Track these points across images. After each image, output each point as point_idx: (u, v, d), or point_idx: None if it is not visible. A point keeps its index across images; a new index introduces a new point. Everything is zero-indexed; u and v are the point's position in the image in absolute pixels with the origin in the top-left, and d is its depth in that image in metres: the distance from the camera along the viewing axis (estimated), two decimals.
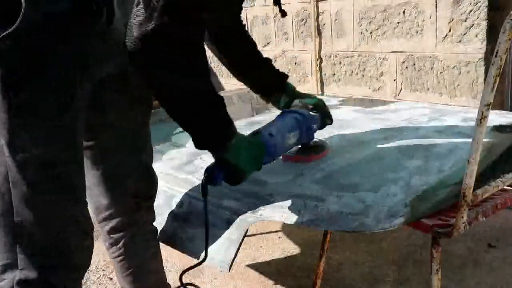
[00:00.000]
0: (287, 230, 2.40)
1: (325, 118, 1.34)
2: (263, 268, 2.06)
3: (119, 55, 0.99)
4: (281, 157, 1.25)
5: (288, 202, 1.08)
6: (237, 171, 1.04)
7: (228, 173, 1.04)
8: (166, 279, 1.44)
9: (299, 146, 1.29)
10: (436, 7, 2.68)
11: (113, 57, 1.04)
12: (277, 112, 1.34)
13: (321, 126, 1.33)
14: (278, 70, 1.38)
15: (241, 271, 2.05)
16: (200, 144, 1.02)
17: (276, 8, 1.25)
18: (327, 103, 2.01)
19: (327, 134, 1.51)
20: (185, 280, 2.00)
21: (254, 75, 1.35)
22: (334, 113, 1.83)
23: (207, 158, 1.43)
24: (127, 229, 1.28)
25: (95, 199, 1.24)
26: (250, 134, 1.13)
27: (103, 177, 1.20)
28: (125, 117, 1.16)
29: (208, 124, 0.99)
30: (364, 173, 1.20)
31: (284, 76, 1.36)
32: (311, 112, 1.27)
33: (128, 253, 1.30)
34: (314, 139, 1.32)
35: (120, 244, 1.29)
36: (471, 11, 2.54)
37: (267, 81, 1.35)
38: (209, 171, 1.03)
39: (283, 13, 1.23)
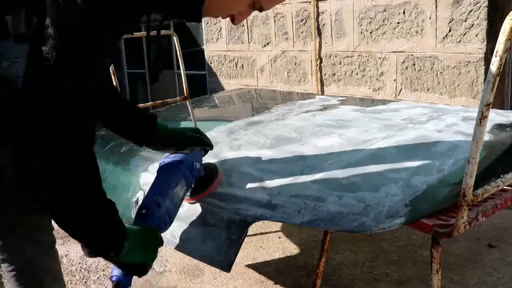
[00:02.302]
0: (287, 230, 2.40)
1: (206, 147, 1.26)
2: (263, 268, 2.06)
3: None
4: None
5: (288, 202, 1.08)
6: (139, 267, 1.03)
7: (132, 272, 1.02)
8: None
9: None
10: (436, 7, 2.68)
11: None
12: (278, 112, 1.33)
13: (204, 155, 1.25)
14: (145, 116, 1.27)
15: (241, 271, 2.05)
16: (94, 253, 0.94)
17: (276, 8, 1.23)
18: (327, 103, 2.02)
19: (327, 134, 1.51)
20: (185, 280, 2.00)
21: (126, 131, 1.28)
22: (334, 112, 1.83)
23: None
24: (17, 246, 1.27)
25: None
26: (137, 215, 1.06)
27: None
28: None
29: (102, 233, 0.93)
30: (364, 173, 1.20)
31: (152, 121, 1.26)
32: (186, 151, 1.17)
33: (20, 268, 1.29)
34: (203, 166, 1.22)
35: (13, 261, 1.29)
36: (471, 11, 2.54)
37: (138, 133, 1.27)
38: (114, 279, 1.00)
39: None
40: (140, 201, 1.34)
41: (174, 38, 2.61)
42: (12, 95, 1.05)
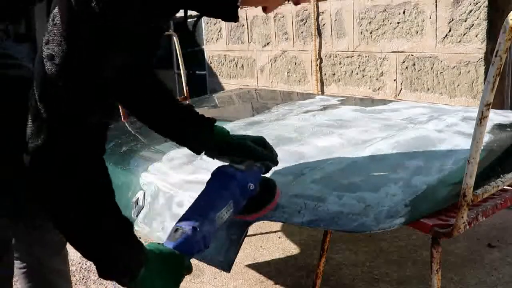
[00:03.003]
0: (287, 230, 2.40)
1: (269, 163, 1.07)
2: (263, 268, 2.06)
3: None
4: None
5: (288, 202, 1.08)
6: None
7: None
8: None
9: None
10: (436, 7, 2.68)
11: None
12: (278, 112, 1.33)
13: (265, 172, 1.06)
14: (202, 118, 1.12)
15: (241, 271, 2.05)
16: (105, 276, 0.82)
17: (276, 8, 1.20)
18: (327, 103, 2.02)
19: (327, 134, 1.51)
20: (185, 280, 2.00)
21: (180, 136, 1.12)
22: (334, 112, 1.83)
23: (207, 158, 1.43)
24: (28, 249, 1.29)
25: None
26: (169, 235, 0.90)
27: None
28: None
29: (114, 255, 0.81)
30: (364, 173, 1.20)
31: (210, 123, 1.11)
32: (242, 167, 0.98)
33: (31, 268, 1.32)
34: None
35: (24, 258, 1.32)
36: (471, 11, 2.54)
37: (194, 138, 1.11)
38: None
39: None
40: (140, 201, 1.34)
41: (174, 38, 2.61)
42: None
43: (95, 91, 0.77)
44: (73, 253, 2.28)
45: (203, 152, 1.12)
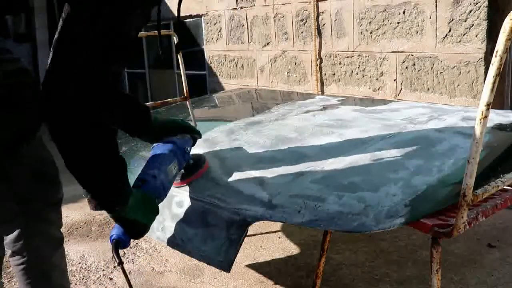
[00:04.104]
0: (287, 230, 2.40)
1: (194, 134, 1.35)
2: (263, 268, 2.06)
3: None
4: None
5: (288, 202, 1.08)
6: (139, 226, 1.07)
7: (131, 230, 1.06)
8: (68, 285, 1.46)
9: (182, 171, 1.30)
10: (436, 7, 2.68)
11: None
12: (278, 112, 1.34)
13: (193, 144, 1.35)
14: (141, 107, 1.30)
15: (241, 271, 2.05)
16: (101, 205, 1.00)
17: (276, 8, 1.23)
18: (327, 103, 2.02)
19: (327, 134, 1.51)
20: (185, 280, 2.00)
21: (124, 121, 1.28)
22: (334, 112, 1.83)
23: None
24: (30, 237, 1.30)
25: None
26: (135, 184, 1.12)
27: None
28: (4, 130, 1.16)
29: (111, 185, 0.99)
30: (364, 173, 1.20)
31: (148, 113, 1.30)
32: (179, 137, 1.28)
33: (30, 262, 1.33)
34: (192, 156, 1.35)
35: (24, 253, 1.32)
36: (471, 11, 2.54)
37: (136, 124, 1.29)
38: (114, 237, 1.05)
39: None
40: None
41: (174, 38, 2.61)
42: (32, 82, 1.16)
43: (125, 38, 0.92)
44: (73, 253, 2.28)
45: (139, 136, 1.30)
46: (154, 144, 1.27)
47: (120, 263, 1.01)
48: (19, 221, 1.28)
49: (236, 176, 1.26)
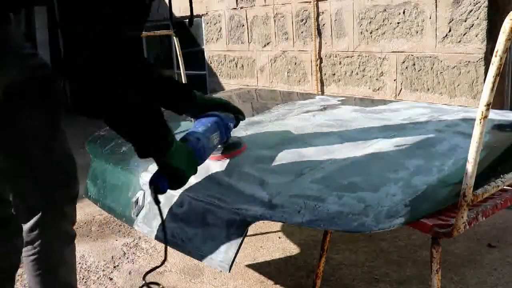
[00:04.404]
0: (287, 230, 2.40)
1: (238, 115, 1.44)
2: (263, 268, 2.06)
3: (17, 61, 1.12)
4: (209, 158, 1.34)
5: (288, 202, 1.08)
6: (180, 175, 1.13)
7: (172, 178, 1.12)
8: (75, 284, 1.47)
9: (219, 146, 1.38)
10: (436, 7, 2.68)
11: (12, 63, 1.13)
12: (278, 112, 1.34)
13: (236, 124, 1.44)
14: (182, 84, 1.41)
15: (241, 271, 2.05)
16: (145, 153, 1.09)
17: (276, 8, 1.28)
18: (327, 103, 2.02)
19: (327, 134, 1.51)
20: (185, 280, 2.00)
21: (166, 98, 1.39)
22: (334, 112, 1.83)
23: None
24: (44, 230, 1.32)
25: (16, 199, 1.30)
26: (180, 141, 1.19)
27: (20, 178, 1.26)
28: (34, 121, 1.24)
29: (153, 133, 1.07)
30: (364, 173, 1.20)
31: (189, 89, 1.40)
32: (225, 113, 1.38)
33: (41, 254, 1.34)
34: (231, 137, 1.43)
35: (36, 244, 1.33)
36: (471, 11, 2.54)
37: (177, 99, 1.39)
38: (154, 182, 1.11)
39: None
40: (140, 201, 1.36)
41: (174, 38, 2.61)
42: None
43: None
44: None
45: (185, 112, 1.39)
46: (200, 116, 1.35)
47: (158, 203, 1.10)
48: (39, 212, 1.31)
49: (236, 176, 1.26)
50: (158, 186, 1.10)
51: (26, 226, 1.32)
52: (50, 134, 1.28)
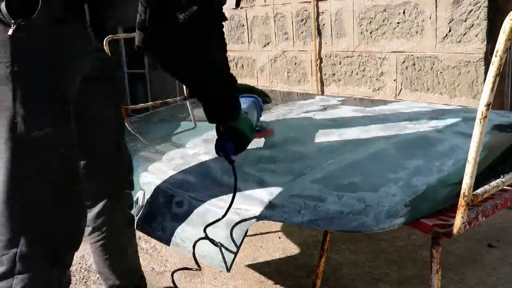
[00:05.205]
0: (287, 230, 2.40)
1: (266, 98, 1.58)
2: (263, 268, 2.06)
3: (96, 55, 1.18)
4: None
5: (288, 202, 1.08)
6: (244, 140, 1.22)
7: (238, 142, 1.20)
8: (140, 265, 1.57)
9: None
10: (436, 7, 2.68)
11: (91, 56, 1.18)
12: (278, 112, 1.34)
13: (263, 104, 1.58)
14: None
15: (241, 271, 2.05)
16: (219, 116, 1.17)
17: (276, 8, 1.31)
18: (327, 103, 2.02)
19: (327, 134, 1.52)
20: (185, 280, 2.00)
21: None
22: (334, 113, 1.83)
23: (205, 158, 1.43)
24: (110, 215, 1.39)
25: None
26: None
27: (87, 164, 1.32)
28: (104, 111, 1.31)
29: (230, 96, 1.16)
30: (364, 173, 1.20)
31: None
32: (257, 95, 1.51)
33: (109, 237, 1.42)
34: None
35: (104, 229, 1.41)
36: (471, 11, 2.54)
37: None
38: (222, 146, 1.18)
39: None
40: (140, 201, 1.36)
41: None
42: None
43: None
44: None
45: None
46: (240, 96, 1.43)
47: (232, 162, 1.16)
48: (104, 198, 1.38)
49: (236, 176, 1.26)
50: (225, 148, 1.17)
51: (92, 213, 1.38)
52: (117, 124, 1.36)
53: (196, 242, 1.15)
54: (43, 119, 1.02)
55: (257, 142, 1.47)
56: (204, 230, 1.15)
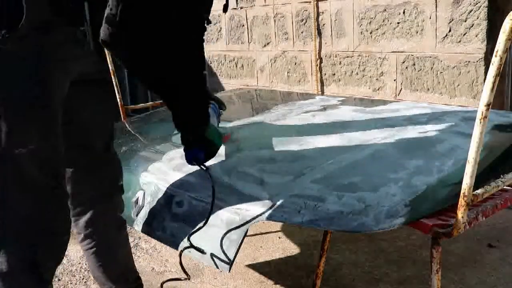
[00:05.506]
0: (287, 230, 2.40)
1: (222, 106, 1.64)
2: (263, 268, 2.06)
3: (89, 57, 1.16)
4: None
5: (288, 202, 1.08)
6: (214, 146, 1.25)
7: (208, 150, 1.24)
8: (135, 267, 1.57)
9: None
10: (436, 7, 2.68)
11: (83, 58, 1.17)
12: (278, 112, 1.35)
13: (220, 114, 1.64)
14: None
15: (241, 271, 2.05)
16: (190, 126, 1.16)
17: (276, 8, 1.31)
18: (327, 103, 2.02)
19: (326, 134, 1.52)
20: (185, 280, 2.00)
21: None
22: (334, 113, 1.83)
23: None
24: (100, 221, 1.39)
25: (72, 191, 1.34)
26: None
27: (77, 168, 1.32)
28: (96, 116, 1.30)
29: (202, 104, 1.15)
30: (364, 173, 1.20)
31: None
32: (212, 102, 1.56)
33: (101, 244, 1.42)
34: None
35: (95, 236, 1.40)
36: (471, 11, 2.54)
37: None
38: (194, 154, 1.21)
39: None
40: (140, 201, 1.37)
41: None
42: None
43: None
44: (73, 253, 2.28)
45: None
46: None
47: (207, 169, 1.21)
48: (94, 205, 1.38)
49: (236, 176, 1.26)
50: (197, 158, 1.22)
51: (83, 220, 1.38)
52: (107, 128, 1.36)
53: (182, 251, 1.15)
54: (28, 136, 1.01)
55: (255, 143, 1.48)
56: (188, 239, 1.15)
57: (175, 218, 1.26)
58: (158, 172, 1.41)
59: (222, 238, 1.12)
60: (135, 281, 1.54)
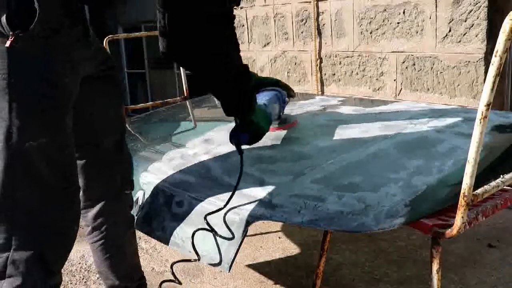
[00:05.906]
0: (287, 230, 2.40)
1: (290, 91, 1.63)
2: (263, 268, 2.06)
3: (96, 57, 1.21)
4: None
5: (288, 202, 1.08)
6: (260, 131, 1.31)
7: (253, 133, 1.28)
8: (140, 266, 1.57)
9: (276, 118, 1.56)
10: (436, 7, 2.68)
11: (91, 58, 1.20)
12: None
13: (288, 100, 1.65)
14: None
15: (241, 271, 2.05)
16: (235, 109, 1.24)
17: (276, 8, 1.34)
18: (327, 103, 2.02)
19: (326, 134, 1.52)
20: (185, 280, 2.00)
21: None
22: (334, 113, 1.83)
23: (205, 158, 1.43)
24: (109, 215, 1.39)
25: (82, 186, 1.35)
26: None
27: (86, 164, 1.32)
28: (103, 110, 1.31)
29: (245, 91, 1.21)
30: (364, 173, 1.20)
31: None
32: (280, 89, 1.56)
33: (109, 237, 1.42)
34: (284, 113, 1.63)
35: (103, 229, 1.41)
36: (471, 11, 2.54)
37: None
38: (236, 137, 1.26)
39: None
40: (140, 201, 1.37)
41: None
42: None
43: None
44: (73, 253, 2.28)
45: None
46: (262, 89, 1.52)
47: (241, 153, 1.24)
48: (103, 199, 1.38)
49: (236, 176, 1.26)
50: (239, 139, 1.26)
51: (91, 213, 1.39)
52: (118, 123, 1.37)
53: (195, 231, 1.14)
54: (39, 130, 1.03)
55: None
56: (205, 218, 1.14)
57: (175, 218, 1.26)
58: (158, 172, 1.41)
59: (222, 238, 1.12)
60: (139, 279, 1.54)
